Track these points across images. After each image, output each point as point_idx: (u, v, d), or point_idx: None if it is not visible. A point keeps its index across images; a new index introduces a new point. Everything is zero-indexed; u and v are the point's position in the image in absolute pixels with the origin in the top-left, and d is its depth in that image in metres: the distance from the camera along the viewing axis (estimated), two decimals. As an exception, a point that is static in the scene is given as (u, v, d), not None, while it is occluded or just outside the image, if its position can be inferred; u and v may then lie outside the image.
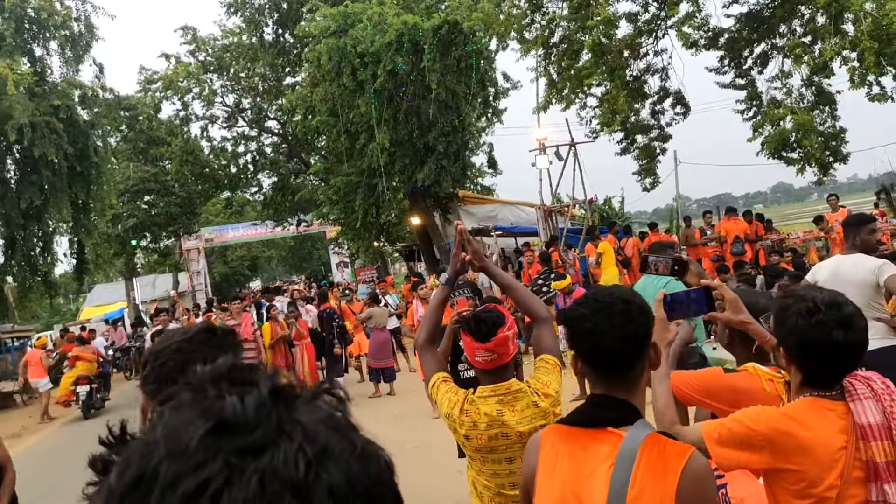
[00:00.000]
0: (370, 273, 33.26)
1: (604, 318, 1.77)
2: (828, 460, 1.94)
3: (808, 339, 1.99)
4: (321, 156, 26.50)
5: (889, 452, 1.94)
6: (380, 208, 20.57)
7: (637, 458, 1.69)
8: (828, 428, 1.97)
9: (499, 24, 15.06)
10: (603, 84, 14.70)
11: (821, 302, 2.03)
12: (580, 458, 1.78)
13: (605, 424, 1.78)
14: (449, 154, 19.07)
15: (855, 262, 5.08)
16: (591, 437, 1.79)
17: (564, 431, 1.86)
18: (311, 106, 20.66)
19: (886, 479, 1.93)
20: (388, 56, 17.82)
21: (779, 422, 2.00)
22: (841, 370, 2.03)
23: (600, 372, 1.83)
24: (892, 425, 1.95)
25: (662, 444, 1.71)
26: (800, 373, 2.07)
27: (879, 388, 2.02)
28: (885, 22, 10.86)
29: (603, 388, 1.83)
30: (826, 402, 2.02)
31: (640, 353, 1.81)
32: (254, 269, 54.94)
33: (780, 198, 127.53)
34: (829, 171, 13.79)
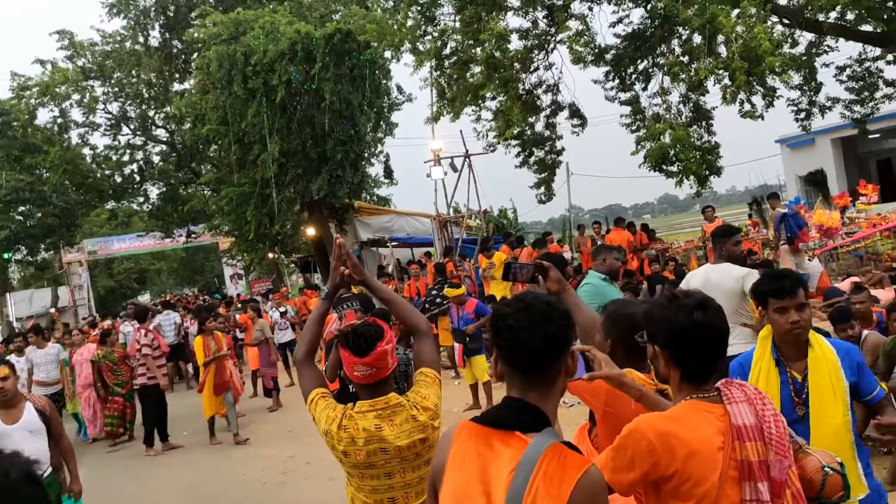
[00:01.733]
0: (265, 285, 32.55)
1: (525, 317, 1.83)
2: (710, 460, 2.02)
3: (673, 324, 2.13)
4: (213, 165, 25.73)
5: (761, 452, 2.04)
6: (273, 219, 20.15)
7: (537, 466, 1.72)
8: (708, 429, 2.05)
9: (392, 34, 15.08)
10: (497, 97, 14.96)
11: (677, 292, 2.23)
12: (486, 457, 1.81)
13: (513, 428, 1.82)
14: (344, 164, 18.92)
15: (722, 271, 5.38)
16: (499, 439, 1.82)
17: (476, 430, 1.88)
18: (201, 114, 20.03)
19: (760, 478, 2.03)
20: (282, 65, 17.53)
21: (664, 425, 2.06)
22: (709, 353, 2.15)
23: (517, 371, 1.87)
24: (763, 427, 2.07)
25: (563, 454, 1.75)
26: (677, 369, 2.17)
27: (752, 393, 2.15)
28: (754, 44, 11.55)
29: (518, 390, 1.87)
30: (705, 404, 2.11)
31: (558, 355, 1.85)
32: (142, 283, 52.72)
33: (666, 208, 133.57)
34: (705, 183, 14.53)
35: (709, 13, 11.75)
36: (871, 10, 12.69)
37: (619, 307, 2.98)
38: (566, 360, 1.88)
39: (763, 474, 2.03)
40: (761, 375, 3.21)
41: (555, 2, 14.36)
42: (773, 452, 2.05)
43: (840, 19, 14.25)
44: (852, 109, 15.88)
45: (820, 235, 12.30)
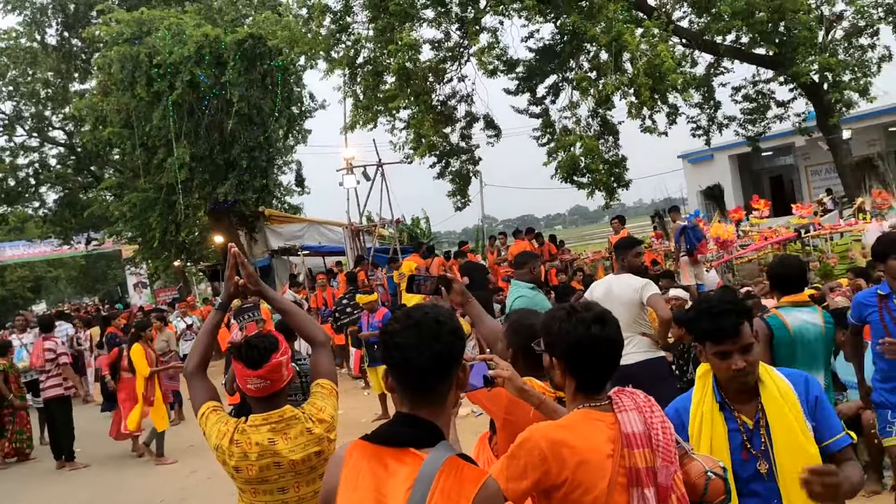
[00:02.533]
0: (171, 294, 31.47)
1: (414, 335, 1.82)
2: (600, 468, 2.05)
3: (572, 337, 2.16)
4: (115, 169, 24.75)
5: (649, 459, 2.10)
6: (179, 226, 19.54)
7: (434, 482, 1.72)
8: (598, 436, 2.10)
9: (305, 41, 14.91)
10: (409, 108, 15.00)
11: (577, 305, 2.26)
12: (381, 477, 1.79)
13: (407, 444, 1.80)
14: (253, 171, 18.55)
15: (623, 281, 5.55)
16: (393, 457, 1.80)
17: (369, 449, 1.85)
18: (103, 116, 19.25)
19: (646, 484, 2.08)
20: (188, 68, 17.05)
21: (556, 434, 2.10)
22: (604, 366, 2.20)
23: (407, 388, 1.86)
24: (651, 434, 2.13)
25: (460, 468, 1.76)
26: (572, 380, 2.21)
27: (642, 402, 2.21)
28: (658, 62, 12.04)
29: (409, 406, 1.86)
30: (596, 412, 2.16)
31: (447, 371, 1.85)
32: (37, 291, 50.02)
33: (577, 219, 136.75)
34: (614, 195, 14.99)
35: (615, 31, 12.17)
36: (763, 35, 13.43)
37: (521, 317, 3.01)
38: (456, 374, 1.88)
39: (650, 480, 2.09)
40: (704, 423, 2.60)
41: (466, 15, 14.54)
42: (660, 459, 2.11)
43: (736, 42, 15.01)
44: (746, 128, 16.76)
45: (717, 247, 12.84)
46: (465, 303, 3.03)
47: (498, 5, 14.10)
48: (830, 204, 18.36)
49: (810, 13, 13.28)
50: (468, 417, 8.46)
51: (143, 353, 9.30)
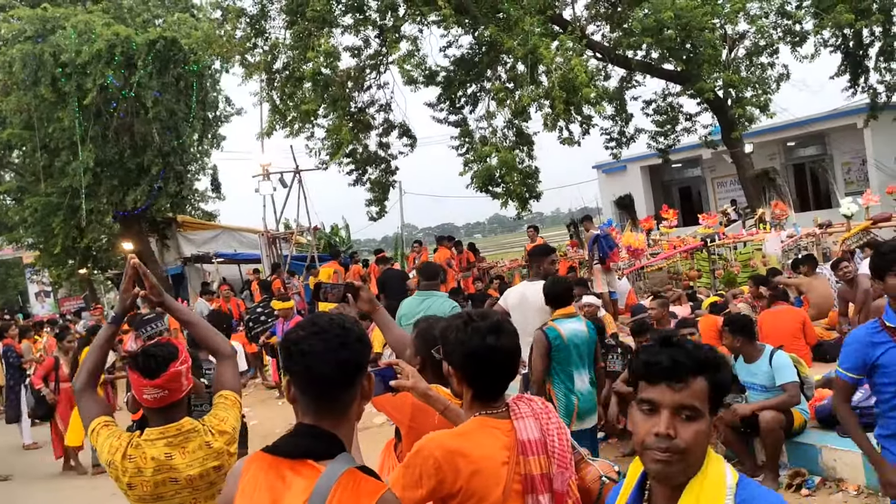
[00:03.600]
0: (77, 303, 30.11)
1: (319, 342, 1.75)
2: (494, 475, 2.06)
3: (467, 347, 2.15)
4: (15, 172, 23.54)
5: (544, 465, 2.11)
6: (84, 231, 18.74)
7: (330, 495, 1.66)
8: (494, 444, 2.10)
9: (220, 45, 14.61)
10: (327, 115, 14.88)
11: (473, 314, 2.25)
12: (278, 490, 1.72)
13: (305, 456, 1.74)
14: (166, 176, 18.00)
15: (538, 288, 5.62)
16: (291, 469, 1.73)
17: (267, 461, 1.77)
18: (2, 117, 18.31)
19: (541, 491, 2.09)
20: (97, 68, 16.40)
21: (450, 442, 2.10)
22: (500, 375, 2.20)
23: (310, 397, 1.78)
24: (547, 441, 2.15)
25: (358, 481, 1.71)
26: (469, 388, 2.21)
27: (538, 409, 2.22)
28: (572, 75, 12.34)
29: (311, 417, 1.79)
30: (493, 420, 2.16)
31: (352, 380, 1.79)
32: (-72, 300, 46.98)
33: (496, 228, 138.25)
34: (526, 205, 15.25)
35: (531, 44, 12.41)
36: (672, 51, 13.96)
37: (430, 325, 3.02)
38: (362, 383, 1.83)
39: (545, 486, 2.11)
40: None
41: (385, 22, 14.55)
42: (556, 465, 2.14)
43: (646, 57, 15.55)
44: (657, 140, 17.36)
45: (629, 256, 13.22)
46: (373, 311, 3.01)
47: (416, 14, 14.18)
48: (734, 214, 19.21)
49: (715, 32, 13.90)
50: (384, 426, 8.42)
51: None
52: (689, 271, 13.14)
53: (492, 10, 13.66)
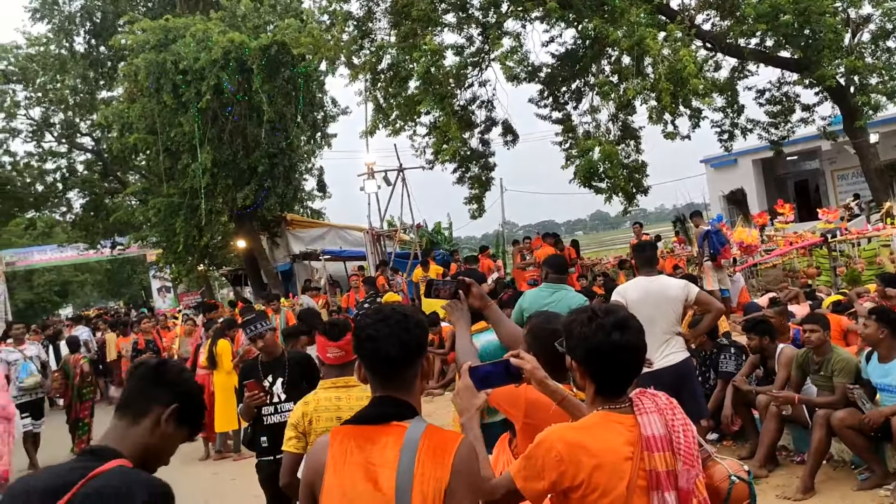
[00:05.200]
0: (195, 298, 31.74)
1: (384, 327, 2.04)
2: (617, 470, 2.04)
3: (591, 343, 2.13)
4: (140, 175, 25.06)
5: (669, 462, 2.07)
6: (203, 230, 19.72)
7: (419, 443, 1.96)
8: (616, 439, 2.08)
9: (327, 48, 15.02)
10: (432, 112, 15.02)
11: (598, 310, 2.22)
12: (369, 449, 2.00)
13: (389, 419, 2.03)
14: (276, 176, 18.70)
15: (661, 281, 5.45)
16: (377, 432, 2.02)
17: (352, 430, 2.07)
18: (129, 122, 19.51)
19: (667, 488, 2.05)
20: (213, 74, 17.24)
21: (572, 436, 2.09)
22: (625, 372, 2.17)
23: (378, 375, 2.08)
24: (672, 437, 2.10)
25: (439, 432, 2.02)
26: (592, 384, 2.19)
27: (663, 404, 2.18)
28: (679, 66, 11.96)
29: (381, 391, 2.08)
30: (616, 415, 2.13)
31: (413, 360, 2.08)
32: (64, 295, 50.64)
33: (597, 225, 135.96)
34: (632, 200, 14.90)
35: (637, 35, 12.10)
36: (788, 38, 13.29)
37: (542, 322, 3.01)
38: (421, 363, 2.11)
39: (671, 484, 2.07)
40: None
41: (488, 20, 14.55)
42: (682, 462, 2.09)
43: (760, 45, 14.87)
44: (770, 132, 16.56)
45: (741, 252, 12.73)
46: (485, 307, 3.03)
47: (519, 10, 14.10)
48: (857, 209, 18.11)
49: (836, 16, 13.12)
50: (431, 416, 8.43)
51: (229, 349, 9.24)
52: (807, 268, 12.50)
53: (596, 2, 13.42)
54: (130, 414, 2.00)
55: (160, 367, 2.11)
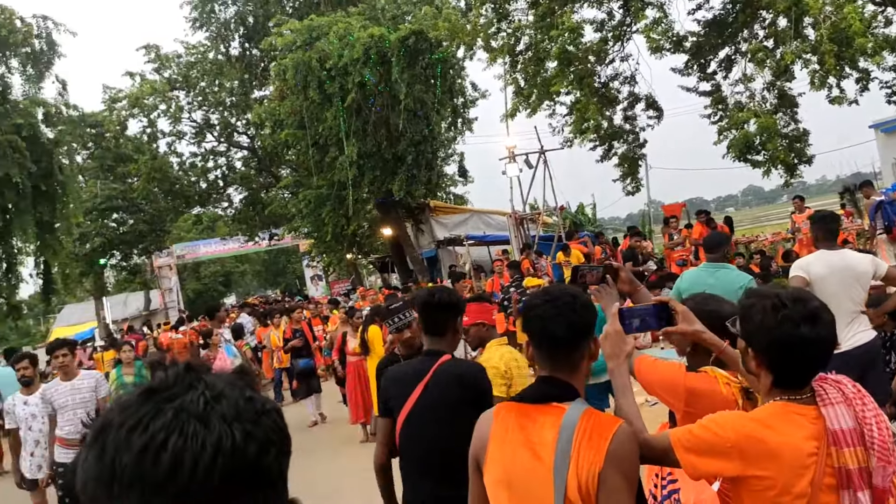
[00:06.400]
0: (345, 286, 33.06)
1: (551, 308, 2.08)
2: (798, 466, 1.88)
3: (775, 335, 1.94)
4: (291, 169, 26.36)
5: (862, 458, 1.88)
6: (350, 220, 20.47)
7: (577, 426, 1.97)
8: (798, 433, 1.91)
9: (465, 33, 15.06)
10: (571, 92, 14.72)
11: (785, 298, 1.99)
12: (529, 428, 2.05)
13: (550, 400, 2.07)
14: (419, 164, 19.05)
15: (845, 255, 4.99)
16: (538, 411, 2.07)
17: (515, 407, 2.14)
18: (279, 119, 20.54)
19: (860, 487, 1.87)
20: (356, 68, 17.79)
21: (748, 427, 1.94)
22: (811, 367, 1.99)
23: (545, 354, 2.12)
24: (864, 430, 1.90)
25: (597, 415, 2.03)
26: (770, 374, 2.02)
27: (850, 393, 1.96)
28: (844, 25, 10.98)
29: (548, 370, 2.12)
30: (796, 406, 1.96)
31: (581, 340, 2.10)
32: (227, 285, 54.34)
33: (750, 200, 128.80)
34: (794, 172, 13.90)
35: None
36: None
37: (700, 303, 2.84)
38: (588, 345, 2.12)
39: (863, 482, 1.87)
40: None
41: (630, -9, 14.03)
42: (876, 458, 1.89)
43: (938, -6, 13.41)
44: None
45: (920, 224, 11.57)
46: (634, 291, 2.89)
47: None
48: None
49: None
50: (642, 406, 8.18)
51: (380, 334, 9.11)
52: None
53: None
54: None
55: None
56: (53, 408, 6.37)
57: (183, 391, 0.77)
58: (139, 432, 0.73)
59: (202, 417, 0.75)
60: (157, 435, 0.72)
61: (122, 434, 0.73)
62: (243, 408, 0.78)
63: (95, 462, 0.74)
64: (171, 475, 0.71)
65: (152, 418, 0.74)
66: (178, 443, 0.72)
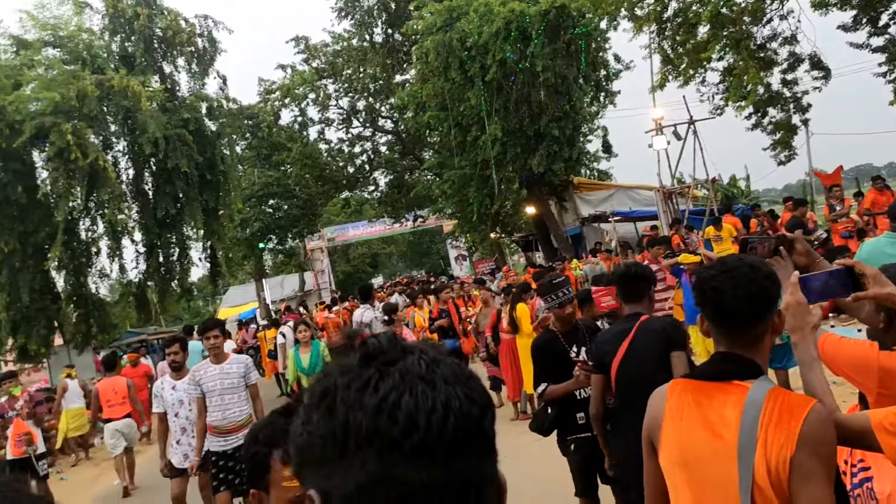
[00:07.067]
0: (489, 265, 33.29)
1: (728, 279, 1.93)
2: None
3: None
4: (434, 151, 26.76)
5: None
6: (494, 199, 20.51)
7: (763, 406, 1.83)
8: None
9: (608, 3, 14.60)
10: (724, 58, 13.92)
11: None
12: (706, 406, 1.94)
13: (730, 378, 1.93)
14: (561, 140, 18.76)
15: None
16: (717, 389, 1.94)
17: (691, 384, 2.02)
18: (422, 102, 20.87)
19: None
20: (497, 46, 17.72)
21: None
22: None
23: (722, 329, 1.98)
24: None
25: (786, 395, 1.87)
26: None
27: None
28: None
29: (725, 346, 1.98)
30: None
31: (762, 314, 1.93)
32: (375, 266, 56.17)
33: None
34: None
35: None
36: None
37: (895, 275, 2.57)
38: (772, 318, 1.95)
39: None
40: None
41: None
42: None
43: None
44: None
45: None
46: (812, 263, 2.65)
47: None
48: None
49: None
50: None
51: (528, 312, 9.21)
52: None
53: None
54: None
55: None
56: (202, 390, 6.01)
57: (400, 356, 0.79)
58: (370, 392, 0.75)
59: (427, 379, 0.77)
60: (388, 395, 0.75)
61: (351, 394, 0.76)
62: (458, 372, 0.80)
63: (325, 421, 0.77)
64: (407, 433, 0.73)
65: (379, 380, 0.76)
66: (410, 403, 0.74)
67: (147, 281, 21.46)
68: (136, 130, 19.13)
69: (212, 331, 6.08)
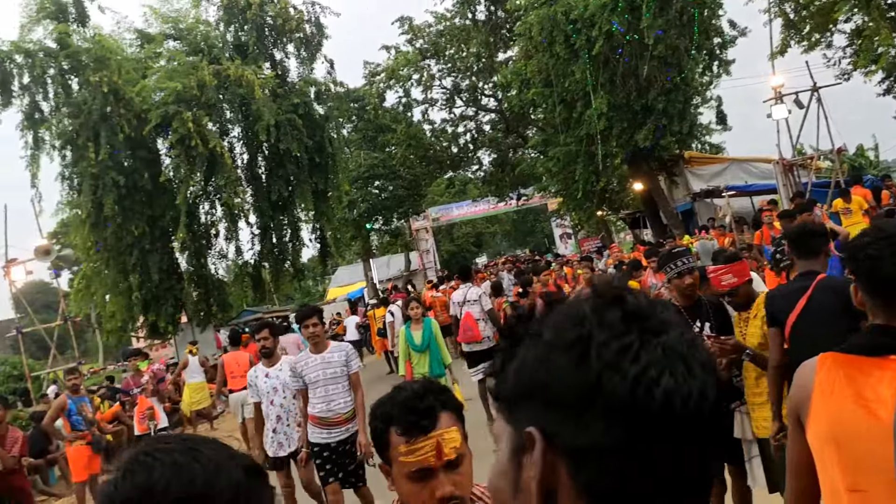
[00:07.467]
0: (594, 243, 32.76)
1: (885, 246, 1.78)
2: None
3: None
4: (538, 128, 26.45)
5: None
6: (600, 176, 20.09)
7: None
8: None
9: (722, -34, 13.91)
10: (852, 19, 13.01)
11: None
12: (860, 382, 1.80)
13: (887, 352, 1.77)
14: (671, 113, 18.11)
15: None
16: (872, 365, 1.79)
17: (843, 358, 1.87)
18: (526, 79, 20.63)
19: None
20: (603, 18, 17.24)
21: None
22: None
23: (879, 300, 1.83)
24: None
25: None
26: None
27: None
28: None
29: (882, 319, 1.83)
30: None
31: None
32: (479, 245, 56.40)
33: None
34: None
35: None
36: None
37: None
38: None
39: None
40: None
41: None
42: None
43: None
44: None
45: None
46: None
47: None
48: None
49: None
50: None
51: (637, 287, 9.41)
52: None
53: None
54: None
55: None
56: (304, 382, 5.73)
57: (663, 327, 0.75)
58: (630, 359, 0.72)
59: (686, 361, 0.73)
60: (648, 369, 0.72)
61: (609, 353, 0.72)
62: (711, 361, 0.77)
63: (572, 369, 0.74)
64: (662, 411, 0.71)
65: (640, 348, 0.73)
66: (670, 382, 0.72)
67: (262, 262, 22.38)
68: (250, 117, 19.90)
69: (310, 318, 5.72)
